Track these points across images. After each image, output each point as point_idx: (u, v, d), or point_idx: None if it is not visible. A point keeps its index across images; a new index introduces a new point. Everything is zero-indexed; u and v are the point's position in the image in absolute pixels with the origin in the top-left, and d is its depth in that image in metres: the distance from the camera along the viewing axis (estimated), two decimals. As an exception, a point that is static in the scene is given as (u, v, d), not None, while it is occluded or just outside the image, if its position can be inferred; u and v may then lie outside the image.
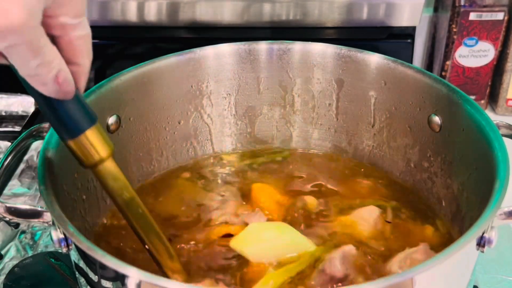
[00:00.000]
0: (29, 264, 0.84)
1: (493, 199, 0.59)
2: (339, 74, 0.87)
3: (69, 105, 0.55)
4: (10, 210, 0.63)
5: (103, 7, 1.13)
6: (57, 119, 0.56)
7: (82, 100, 0.57)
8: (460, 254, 0.55)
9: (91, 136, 0.57)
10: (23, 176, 1.01)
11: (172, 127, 0.87)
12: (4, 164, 0.69)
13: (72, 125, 0.56)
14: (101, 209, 0.79)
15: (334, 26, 1.16)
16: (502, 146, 0.66)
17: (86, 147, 0.57)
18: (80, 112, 0.56)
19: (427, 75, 0.80)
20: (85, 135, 0.57)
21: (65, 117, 0.55)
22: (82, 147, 0.57)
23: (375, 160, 0.89)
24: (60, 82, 0.51)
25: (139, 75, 0.82)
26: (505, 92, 1.21)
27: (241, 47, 0.88)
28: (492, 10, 1.13)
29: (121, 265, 0.53)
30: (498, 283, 0.82)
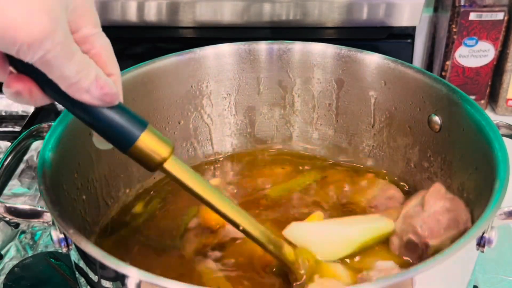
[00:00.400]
0: (29, 264, 0.84)
1: (493, 199, 0.59)
2: (339, 74, 0.87)
3: (117, 113, 0.55)
4: (10, 210, 0.63)
5: (103, 7, 1.13)
6: (111, 130, 0.56)
7: (127, 107, 0.57)
8: (460, 254, 0.55)
9: (147, 140, 0.57)
10: (23, 176, 1.01)
11: (172, 127, 0.87)
12: (4, 164, 0.69)
13: (127, 133, 0.56)
14: (101, 209, 0.79)
15: (334, 26, 1.16)
16: (502, 146, 0.66)
17: (146, 151, 0.57)
18: (130, 119, 0.56)
19: (427, 75, 0.80)
20: (141, 141, 0.57)
21: (118, 126, 0.56)
22: (142, 152, 0.57)
23: (375, 160, 0.89)
24: (101, 85, 0.52)
25: (139, 75, 0.82)
26: (505, 92, 1.21)
27: (241, 47, 0.88)
28: (492, 10, 1.13)
29: (121, 265, 0.53)
30: (498, 283, 0.82)
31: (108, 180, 0.80)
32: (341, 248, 0.71)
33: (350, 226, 0.74)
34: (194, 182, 0.62)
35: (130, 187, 0.84)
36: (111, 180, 0.80)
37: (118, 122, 0.56)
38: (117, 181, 0.82)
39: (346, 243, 0.72)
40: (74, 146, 0.71)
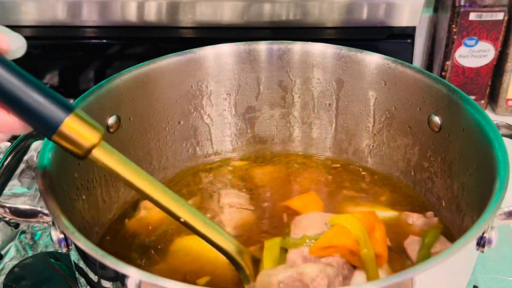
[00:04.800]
0: (29, 264, 0.84)
1: (493, 199, 0.59)
2: (339, 74, 0.87)
3: (40, 94, 0.53)
4: (10, 210, 0.63)
5: (103, 7, 1.13)
6: (33, 112, 0.53)
7: (53, 91, 0.55)
8: (460, 254, 0.55)
9: (74, 124, 0.54)
10: (23, 176, 1.01)
11: (172, 127, 0.87)
12: (4, 164, 0.69)
13: (50, 116, 0.54)
14: (101, 209, 0.79)
15: (334, 26, 1.16)
16: (502, 146, 0.66)
17: (72, 137, 0.55)
18: (54, 101, 0.54)
19: (427, 75, 0.80)
20: (66, 125, 0.54)
21: (40, 108, 0.53)
22: (68, 138, 0.55)
23: (375, 160, 0.89)
24: None
25: (139, 75, 0.82)
26: (505, 92, 1.21)
27: (241, 47, 0.88)
28: (492, 10, 1.13)
29: (121, 265, 0.53)
30: (498, 283, 0.82)
31: (108, 180, 0.80)
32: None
33: None
34: (127, 171, 0.59)
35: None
36: (111, 180, 0.80)
37: (40, 103, 0.53)
38: (117, 181, 0.81)
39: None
40: (74, 146, 0.71)
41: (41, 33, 1.19)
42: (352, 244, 0.65)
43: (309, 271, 0.61)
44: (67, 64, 1.22)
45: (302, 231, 0.69)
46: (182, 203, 0.62)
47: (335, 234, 0.67)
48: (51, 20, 1.16)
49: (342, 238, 0.66)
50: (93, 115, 0.64)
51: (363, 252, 0.65)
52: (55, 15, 1.15)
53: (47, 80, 1.22)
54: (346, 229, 0.67)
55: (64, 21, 1.16)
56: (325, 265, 0.63)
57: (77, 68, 1.22)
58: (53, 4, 1.13)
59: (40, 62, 1.22)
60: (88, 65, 1.22)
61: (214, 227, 0.65)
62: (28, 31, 1.19)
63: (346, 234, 0.66)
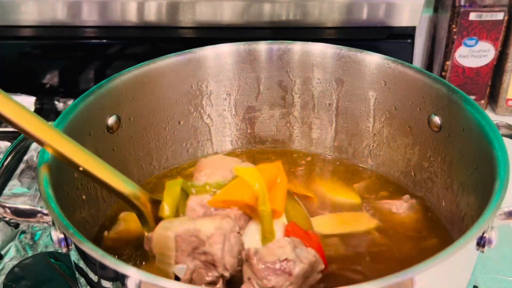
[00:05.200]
0: (29, 264, 0.84)
1: (493, 199, 0.59)
2: (339, 74, 0.87)
3: None
4: (10, 210, 0.63)
5: (103, 7, 1.13)
6: None
7: None
8: (460, 254, 0.55)
9: None
10: (23, 176, 1.01)
11: (172, 127, 0.87)
12: (4, 164, 0.69)
13: None
14: (101, 209, 0.79)
15: (334, 26, 1.16)
16: (502, 146, 0.66)
17: None
18: None
19: (427, 75, 0.80)
20: None
21: None
22: None
23: (375, 160, 0.89)
24: None
25: (139, 75, 0.82)
26: (505, 92, 1.21)
27: (241, 47, 0.88)
28: (492, 10, 1.13)
29: (121, 265, 0.53)
30: (498, 283, 0.82)
31: (108, 180, 0.80)
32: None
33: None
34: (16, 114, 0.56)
35: (130, 187, 0.84)
36: (111, 180, 0.80)
37: None
38: (117, 181, 0.81)
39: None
40: (74, 146, 0.71)
41: (41, 33, 1.19)
42: (251, 199, 0.67)
43: (205, 228, 0.62)
44: (67, 64, 1.22)
45: (205, 177, 0.70)
46: (82, 151, 0.62)
47: (235, 188, 0.68)
48: (51, 20, 1.16)
49: (241, 193, 0.67)
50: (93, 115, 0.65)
51: (260, 209, 0.67)
52: (55, 15, 1.15)
53: (47, 80, 1.22)
54: (247, 184, 0.68)
55: (64, 21, 1.16)
56: (222, 219, 0.64)
57: (77, 68, 1.22)
58: (53, 4, 1.13)
59: (40, 62, 1.22)
60: (88, 65, 1.22)
61: (112, 171, 0.64)
62: (28, 31, 1.19)
63: (246, 189, 0.68)
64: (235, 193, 0.68)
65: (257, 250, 0.62)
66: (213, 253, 0.62)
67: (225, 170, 0.71)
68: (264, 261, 0.61)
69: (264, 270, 0.61)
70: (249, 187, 0.68)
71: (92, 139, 0.76)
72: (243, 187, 0.68)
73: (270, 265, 0.61)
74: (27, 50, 1.21)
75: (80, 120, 0.73)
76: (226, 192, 0.68)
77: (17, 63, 1.22)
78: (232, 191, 0.68)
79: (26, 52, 1.21)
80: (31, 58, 1.22)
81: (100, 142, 0.77)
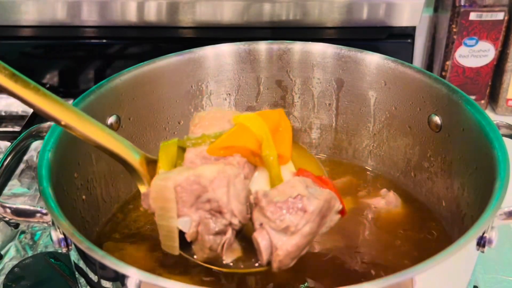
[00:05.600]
0: (29, 264, 0.84)
1: (493, 199, 0.59)
2: (339, 74, 0.87)
3: None
4: (10, 210, 0.63)
5: (103, 7, 1.13)
6: None
7: None
8: (460, 254, 0.55)
9: None
10: (23, 176, 1.01)
11: (172, 127, 0.87)
12: (3, 164, 0.69)
13: None
14: (101, 209, 0.79)
15: (334, 26, 1.16)
16: (502, 146, 0.66)
17: None
18: None
19: (427, 75, 0.80)
20: None
21: None
22: None
23: (375, 160, 0.89)
24: None
25: (139, 75, 0.82)
26: (505, 92, 1.21)
27: (241, 47, 0.88)
28: (492, 10, 1.13)
29: (121, 265, 0.52)
30: (498, 283, 0.82)
31: (108, 180, 0.80)
32: None
33: None
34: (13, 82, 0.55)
35: (130, 187, 0.84)
36: (111, 180, 0.80)
37: None
38: (117, 181, 0.81)
39: None
40: (74, 146, 0.71)
41: (41, 33, 1.19)
42: (254, 145, 0.61)
43: (207, 172, 0.57)
44: (67, 64, 1.22)
45: (201, 129, 0.65)
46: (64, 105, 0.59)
47: (236, 134, 0.63)
48: (51, 20, 1.16)
49: (243, 139, 0.62)
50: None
51: (264, 154, 0.61)
52: (55, 15, 1.15)
53: (47, 80, 1.22)
54: (248, 129, 0.62)
55: (64, 21, 1.16)
56: (225, 164, 0.59)
57: (77, 68, 1.22)
58: (53, 4, 1.13)
59: (40, 62, 1.22)
60: (88, 65, 1.22)
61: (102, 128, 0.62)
62: (28, 31, 1.19)
63: (247, 135, 0.62)
64: (236, 139, 0.62)
65: (266, 192, 0.57)
66: (218, 198, 0.57)
67: (223, 121, 0.65)
68: (275, 201, 0.56)
69: (276, 211, 0.56)
70: (251, 133, 0.62)
71: (92, 139, 0.75)
72: (244, 132, 0.62)
73: (282, 204, 0.56)
74: (27, 50, 1.21)
75: (80, 120, 0.73)
76: (227, 139, 0.62)
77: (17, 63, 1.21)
78: (233, 137, 0.62)
79: (26, 52, 1.21)
80: (31, 58, 1.22)
81: (100, 142, 0.77)
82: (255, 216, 0.58)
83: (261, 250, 0.58)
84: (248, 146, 0.61)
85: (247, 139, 0.62)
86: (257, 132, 0.62)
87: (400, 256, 0.74)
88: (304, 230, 0.57)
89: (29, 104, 0.57)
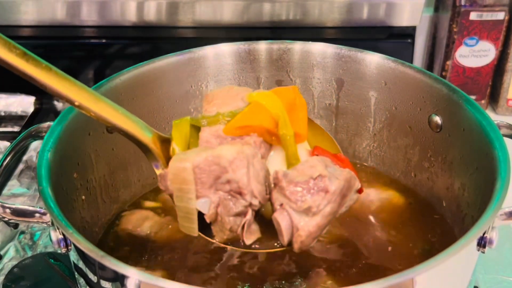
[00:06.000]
0: (29, 264, 0.84)
1: (494, 199, 0.58)
2: (339, 74, 0.87)
3: None
4: (10, 210, 0.63)
5: (103, 7, 1.13)
6: None
7: None
8: (461, 254, 0.55)
9: None
10: (22, 176, 1.01)
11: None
12: (3, 164, 0.69)
13: None
14: (101, 209, 0.79)
15: (334, 26, 1.16)
16: (502, 146, 0.65)
17: None
18: None
19: (427, 75, 0.79)
20: None
21: None
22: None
23: (375, 160, 0.89)
24: None
25: (139, 75, 0.82)
26: (506, 92, 1.21)
27: (241, 47, 0.88)
28: (493, 10, 1.13)
29: (121, 265, 0.52)
30: (498, 284, 0.82)
31: (107, 180, 0.80)
32: None
33: None
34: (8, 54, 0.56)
35: (129, 187, 0.84)
36: (110, 180, 0.80)
37: None
38: (116, 181, 0.81)
39: None
40: (73, 146, 0.71)
41: (40, 33, 1.19)
42: (270, 124, 0.61)
43: (226, 153, 0.57)
44: (67, 64, 1.22)
45: (215, 107, 0.65)
46: (77, 85, 0.59)
47: (252, 113, 0.62)
48: (51, 20, 1.15)
49: (259, 118, 0.61)
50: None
51: (282, 133, 0.61)
52: (54, 15, 1.15)
53: (46, 80, 1.22)
54: (264, 108, 0.62)
55: (64, 21, 1.16)
56: (242, 144, 0.59)
57: (76, 68, 1.22)
58: (52, 4, 1.13)
59: (40, 62, 1.22)
60: (87, 65, 1.22)
61: (115, 107, 0.61)
62: (28, 31, 1.19)
63: (263, 113, 0.62)
64: (252, 118, 0.61)
65: (285, 173, 0.56)
66: (238, 179, 0.56)
67: (237, 99, 0.65)
68: (296, 182, 0.55)
69: (297, 192, 0.55)
70: (266, 111, 0.61)
71: (92, 139, 0.75)
72: (260, 111, 0.62)
73: (303, 184, 0.55)
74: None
75: (80, 120, 0.72)
76: (242, 118, 0.62)
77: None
78: (248, 116, 0.62)
79: (25, 52, 1.21)
80: (30, 58, 1.21)
81: (99, 142, 0.77)
82: (275, 197, 0.57)
83: (281, 230, 0.57)
84: (264, 125, 0.61)
85: (263, 117, 0.61)
86: (273, 111, 0.61)
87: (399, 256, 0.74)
88: (326, 210, 0.57)
89: (41, 84, 0.56)
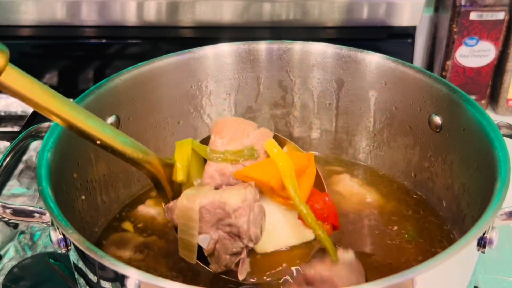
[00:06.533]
0: (28, 264, 0.84)
1: (494, 199, 0.58)
2: (339, 74, 0.87)
3: None
4: (9, 210, 0.63)
5: (103, 7, 1.13)
6: None
7: None
8: (461, 254, 0.55)
9: None
10: (22, 176, 1.01)
11: (172, 127, 0.87)
12: (3, 164, 0.69)
13: None
14: (100, 209, 0.79)
15: (334, 26, 1.16)
16: (503, 146, 0.65)
17: None
18: None
19: (427, 75, 0.79)
20: None
21: None
22: None
23: (375, 160, 0.89)
24: None
25: (139, 75, 0.82)
26: (506, 92, 1.21)
27: (241, 47, 0.88)
28: (493, 9, 1.13)
29: (121, 265, 0.52)
30: (498, 284, 0.82)
31: (107, 180, 0.80)
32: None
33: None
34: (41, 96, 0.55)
35: (129, 187, 0.84)
36: (110, 180, 0.80)
37: None
38: (116, 181, 0.81)
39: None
40: (73, 146, 0.71)
41: (40, 33, 1.19)
42: (276, 184, 0.66)
43: (232, 201, 0.62)
44: (67, 64, 1.22)
45: (222, 141, 0.70)
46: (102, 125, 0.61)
47: (265, 168, 0.68)
48: (51, 20, 1.15)
49: (269, 176, 0.67)
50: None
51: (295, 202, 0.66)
52: (54, 15, 1.15)
53: (46, 80, 1.22)
54: (277, 168, 0.67)
55: (64, 21, 1.16)
56: (245, 188, 0.64)
57: (76, 68, 1.22)
58: (52, 4, 1.13)
59: (40, 62, 1.22)
60: (87, 65, 1.22)
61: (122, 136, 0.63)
62: (27, 31, 1.19)
63: (275, 173, 0.67)
64: (263, 173, 0.67)
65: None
66: (239, 225, 0.62)
67: (244, 136, 0.71)
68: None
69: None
70: (277, 172, 0.67)
71: (92, 139, 0.75)
72: (272, 169, 0.67)
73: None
74: (26, 50, 1.21)
75: (80, 120, 0.72)
76: (254, 170, 0.68)
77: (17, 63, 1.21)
78: (260, 172, 0.68)
79: (25, 52, 1.21)
80: (30, 58, 1.21)
81: (99, 142, 0.77)
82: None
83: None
84: (271, 184, 0.66)
85: (273, 177, 0.67)
86: (284, 174, 0.67)
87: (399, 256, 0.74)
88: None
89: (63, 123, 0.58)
